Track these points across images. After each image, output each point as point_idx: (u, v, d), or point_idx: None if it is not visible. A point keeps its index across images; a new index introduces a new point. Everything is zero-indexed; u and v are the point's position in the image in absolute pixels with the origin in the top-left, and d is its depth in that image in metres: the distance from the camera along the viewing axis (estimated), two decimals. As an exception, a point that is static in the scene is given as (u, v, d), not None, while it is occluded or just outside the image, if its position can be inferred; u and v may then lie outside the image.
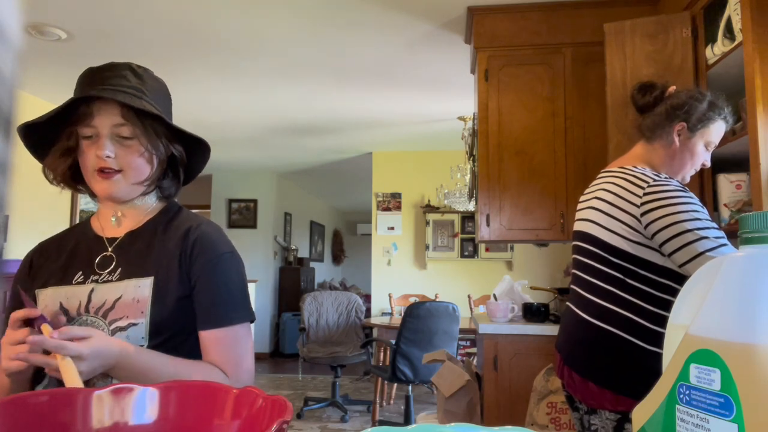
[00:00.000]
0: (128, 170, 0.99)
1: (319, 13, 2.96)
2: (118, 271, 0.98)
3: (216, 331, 0.98)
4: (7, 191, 0.19)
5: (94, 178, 0.98)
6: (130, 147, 0.98)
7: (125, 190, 1.00)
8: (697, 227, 1.32)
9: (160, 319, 0.95)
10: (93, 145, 0.97)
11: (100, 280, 0.98)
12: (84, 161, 0.98)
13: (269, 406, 0.58)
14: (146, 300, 0.95)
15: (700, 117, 1.50)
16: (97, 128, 0.96)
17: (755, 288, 0.38)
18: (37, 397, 0.58)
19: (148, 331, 0.94)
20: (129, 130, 0.97)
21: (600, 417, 1.44)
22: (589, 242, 1.51)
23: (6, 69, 0.19)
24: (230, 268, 1.02)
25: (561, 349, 1.57)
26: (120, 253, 1.00)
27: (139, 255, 1.00)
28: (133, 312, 0.94)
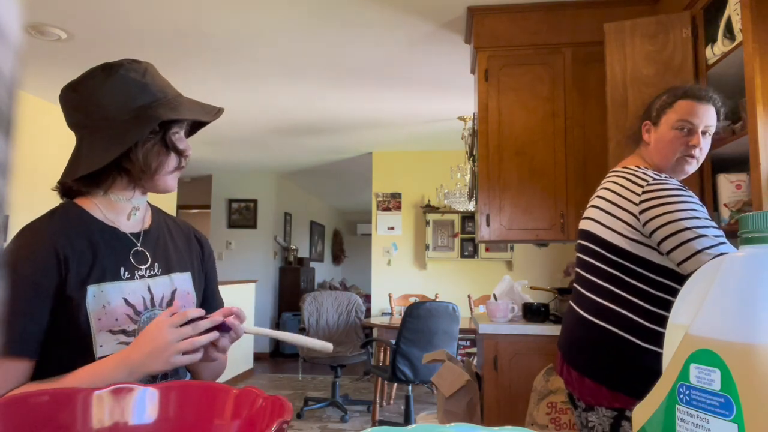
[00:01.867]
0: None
1: (319, 13, 2.96)
2: (156, 265, 1.01)
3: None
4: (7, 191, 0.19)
5: (173, 176, 1.03)
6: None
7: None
8: (696, 225, 1.33)
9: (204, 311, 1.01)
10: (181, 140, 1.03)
11: (147, 275, 0.99)
12: (170, 161, 1.01)
13: (269, 406, 0.58)
14: (193, 293, 1.06)
15: (658, 108, 1.53)
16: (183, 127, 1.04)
17: (755, 288, 0.38)
18: (37, 397, 0.58)
19: None
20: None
21: (597, 414, 1.45)
22: (591, 240, 1.52)
23: (6, 69, 0.19)
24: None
25: (561, 346, 1.59)
26: (150, 249, 1.02)
27: (169, 251, 1.06)
28: (189, 304, 1.04)
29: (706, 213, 1.37)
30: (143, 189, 1.03)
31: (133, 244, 1.00)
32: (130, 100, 0.95)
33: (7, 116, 0.19)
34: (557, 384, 2.28)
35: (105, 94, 0.95)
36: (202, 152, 6.40)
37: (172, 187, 1.04)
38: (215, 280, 1.16)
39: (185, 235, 1.13)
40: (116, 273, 0.95)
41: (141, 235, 1.02)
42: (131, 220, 1.02)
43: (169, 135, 0.99)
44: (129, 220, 1.02)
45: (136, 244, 1.01)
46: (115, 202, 1.00)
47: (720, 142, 2.04)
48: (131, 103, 0.95)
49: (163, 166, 1.00)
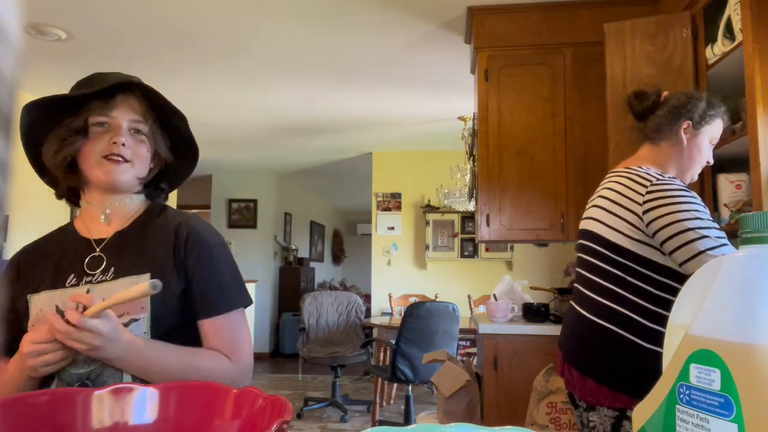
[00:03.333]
0: (137, 162, 1.02)
1: (319, 13, 2.96)
2: (111, 270, 0.99)
3: (215, 319, 1.01)
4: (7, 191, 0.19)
5: (99, 164, 0.99)
6: (141, 142, 1.03)
7: (128, 180, 1.02)
8: (698, 226, 1.33)
9: (160, 313, 0.97)
10: (106, 133, 1.00)
11: (94, 280, 0.98)
12: (91, 147, 0.99)
13: (269, 406, 0.58)
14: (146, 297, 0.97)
15: (702, 114, 1.53)
16: (116, 118, 1.00)
17: (755, 288, 0.38)
18: (37, 397, 0.58)
19: (149, 325, 0.96)
20: (144, 127, 1.03)
21: (598, 414, 1.45)
22: (593, 240, 1.53)
23: (6, 69, 0.19)
24: (222, 258, 1.06)
25: (562, 345, 1.59)
26: (110, 253, 1.01)
27: (131, 253, 1.01)
28: (133, 308, 0.95)
29: (708, 214, 1.37)
30: (90, 186, 1.04)
31: (93, 250, 1.02)
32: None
33: (7, 116, 0.19)
34: (557, 384, 2.28)
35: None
36: (202, 152, 6.37)
37: (102, 175, 0.99)
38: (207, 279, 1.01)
39: (168, 231, 1.04)
40: (61, 281, 0.99)
41: (107, 240, 1.02)
42: (103, 223, 1.04)
43: (78, 119, 0.99)
44: (101, 223, 1.05)
45: (95, 249, 1.02)
46: (86, 208, 1.06)
47: (720, 142, 2.04)
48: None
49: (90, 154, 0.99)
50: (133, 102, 1.02)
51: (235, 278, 1.06)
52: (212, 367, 0.97)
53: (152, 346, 0.93)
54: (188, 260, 1.02)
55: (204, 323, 1.01)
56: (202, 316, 1.01)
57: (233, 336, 1.02)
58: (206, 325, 1.01)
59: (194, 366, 0.95)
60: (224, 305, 1.02)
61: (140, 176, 1.04)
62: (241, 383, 0.98)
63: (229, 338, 1.01)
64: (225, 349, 1.00)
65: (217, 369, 0.97)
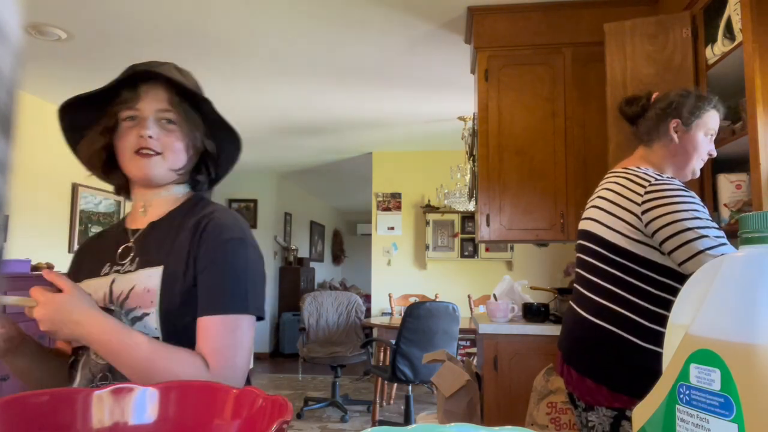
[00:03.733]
0: (168, 153, 0.99)
1: (319, 13, 2.96)
2: (136, 261, 0.98)
3: (210, 318, 0.91)
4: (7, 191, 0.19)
5: (132, 160, 0.98)
6: (171, 132, 1.00)
7: (162, 173, 1.00)
8: (697, 226, 1.33)
9: (169, 308, 0.92)
10: (135, 126, 0.98)
11: (122, 270, 0.98)
12: (123, 143, 0.99)
13: (269, 406, 0.58)
14: (156, 290, 0.92)
15: (690, 110, 1.54)
16: (142, 111, 0.98)
17: (755, 288, 0.38)
18: (37, 397, 0.58)
19: (159, 321, 0.92)
20: (172, 116, 1.00)
21: (597, 414, 1.45)
22: (592, 240, 1.53)
23: (6, 69, 0.19)
24: (236, 255, 0.96)
25: (562, 346, 1.59)
26: (139, 244, 1.01)
27: (155, 245, 0.99)
28: (144, 302, 0.93)
29: (707, 214, 1.38)
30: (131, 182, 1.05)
31: (127, 240, 1.02)
32: None
33: (7, 116, 0.19)
34: (557, 384, 2.28)
35: None
36: (202, 152, 6.40)
37: (135, 170, 0.99)
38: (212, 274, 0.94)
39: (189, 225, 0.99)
40: (98, 270, 1.01)
41: (140, 231, 1.03)
42: (141, 215, 1.05)
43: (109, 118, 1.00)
44: (141, 215, 1.05)
45: (129, 240, 1.02)
46: (133, 202, 1.07)
47: (720, 142, 2.04)
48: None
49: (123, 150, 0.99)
50: (159, 91, 0.99)
51: (245, 280, 0.95)
52: (183, 369, 0.86)
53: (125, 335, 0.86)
54: (199, 253, 0.95)
55: (200, 321, 0.92)
56: (201, 313, 0.93)
57: (219, 339, 0.90)
58: (201, 322, 0.92)
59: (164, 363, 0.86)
60: (224, 305, 0.92)
61: (175, 167, 1.01)
62: None
63: (214, 340, 0.90)
64: (207, 352, 0.90)
65: (187, 373, 0.86)
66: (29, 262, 3.78)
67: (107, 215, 5.26)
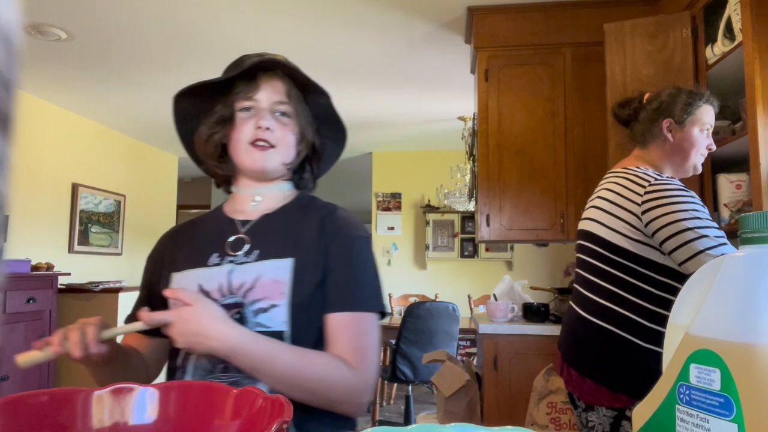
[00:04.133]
0: (282, 147, 0.98)
1: (319, 13, 2.97)
2: (255, 252, 0.95)
3: (345, 314, 0.91)
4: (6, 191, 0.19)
5: (247, 151, 0.97)
6: (286, 125, 0.99)
7: (275, 166, 0.99)
8: (697, 226, 1.33)
9: (300, 300, 0.91)
10: (251, 117, 0.97)
11: (237, 261, 0.95)
12: (238, 134, 0.97)
13: (269, 406, 0.58)
14: (286, 281, 0.91)
15: (682, 107, 1.54)
16: (259, 102, 0.97)
17: (755, 288, 0.38)
18: (37, 397, 0.58)
19: (289, 312, 0.90)
20: (288, 108, 0.98)
21: (597, 414, 1.45)
22: (592, 241, 1.53)
23: (6, 69, 0.19)
24: (365, 253, 0.98)
25: (562, 346, 1.59)
26: (255, 236, 0.97)
27: (276, 237, 0.97)
28: (273, 293, 0.90)
29: (707, 213, 1.38)
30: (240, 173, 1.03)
31: (237, 231, 0.99)
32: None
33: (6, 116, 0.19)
34: (557, 384, 2.28)
35: None
36: (202, 152, 6.39)
37: (250, 162, 0.97)
38: (344, 270, 0.94)
39: (314, 219, 0.99)
40: (204, 260, 0.96)
41: (252, 223, 0.99)
42: (251, 208, 1.02)
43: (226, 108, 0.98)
44: (251, 209, 1.02)
45: (239, 231, 0.98)
46: (236, 193, 1.05)
47: (720, 142, 2.04)
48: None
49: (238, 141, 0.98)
50: (276, 82, 0.98)
51: (374, 278, 0.98)
52: (329, 371, 0.86)
53: (260, 344, 0.84)
54: (330, 248, 0.95)
55: (332, 317, 0.91)
56: (331, 309, 0.92)
57: (361, 338, 0.90)
58: (334, 319, 0.91)
59: (308, 368, 0.85)
60: (358, 302, 0.92)
61: (286, 161, 1.00)
62: (362, 397, 0.89)
63: (356, 340, 0.90)
64: (347, 351, 0.89)
65: (332, 374, 0.86)
66: (29, 262, 3.78)
67: (107, 215, 5.26)
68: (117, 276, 5.30)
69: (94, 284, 4.27)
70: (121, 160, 5.56)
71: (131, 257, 5.67)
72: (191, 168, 7.24)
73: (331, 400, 0.87)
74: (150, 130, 5.49)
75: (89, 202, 4.98)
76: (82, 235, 4.87)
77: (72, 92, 4.27)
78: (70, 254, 4.75)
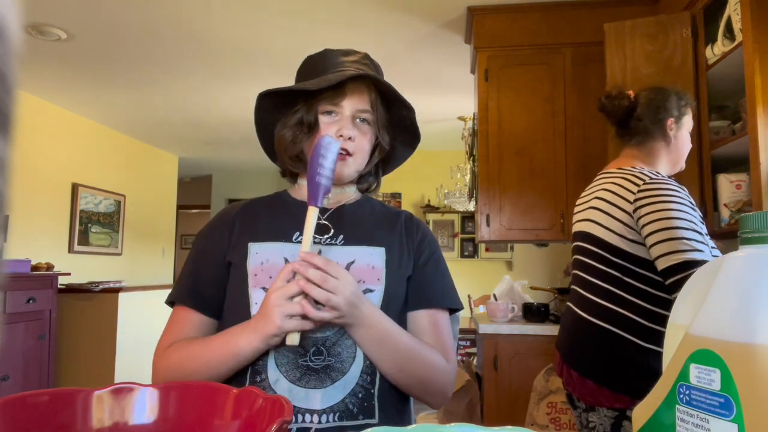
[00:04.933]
0: (358, 154, 0.98)
1: (319, 13, 2.96)
2: (340, 237, 0.96)
3: (432, 312, 0.97)
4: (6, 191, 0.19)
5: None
6: (365, 134, 0.99)
7: (350, 173, 0.99)
8: (681, 227, 1.33)
9: (394, 290, 0.93)
10: (334, 123, 0.96)
11: (324, 242, 0.94)
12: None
13: (269, 406, 0.58)
14: (381, 268, 0.94)
15: (678, 108, 1.57)
16: (343, 108, 0.96)
17: (755, 288, 0.38)
18: (37, 397, 0.58)
19: (382, 299, 0.92)
20: (369, 116, 0.98)
21: (598, 414, 1.45)
22: (589, 241, 1.53)
23: (6, 69, 0.19)
24: (442, 257, 1.04)
25: (560, 347, 1.59)
26: (336, 223, 0.98)
27: (358, 227, 0.98)
28: (370, 278, 0.92)
29: (698, 216, 1.37)
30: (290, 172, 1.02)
31: (318, 218, 0.98)
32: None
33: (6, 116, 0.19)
34: (557, 384, 2.28)
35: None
36: (202, 152, 6.40)
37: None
38: (435, 272, 1.00)
39: (390, 218, 1.03)
40: (287, 236, 0.95)
41: (330, 211, 1.00)
42: (323, 205, 1.01)
43: (309, 112, 0.96)
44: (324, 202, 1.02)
45: (321, 218, 0.98)
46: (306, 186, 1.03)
47: (720, 142, 2.04)
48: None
49: (303, 144, 0.97)
50: (363, 91, 0.97)
51: (451, 279, 1.03)
52: (436, 360, 0.91)
53: (388, 320, 0.88)
54: (419, 252, 0.99)
55: (420, 314, 0.96)
56: (420, 307, 0.96)
57: (446, 334, 0.97)
58: (425, 316, 0.96)
59: (422, 352, 0.90)
60: (446, 301, 0.99)
61: (360, 168, 1.00)
62: (450, 388, 0.95)
63: (443, 335, 0.96)
64: (439, 345, 0.94)
65: (439, 363, 0.91)
66: (29, 262, 3.78)
67: (107, 215, 5.26)
68: (117, 276, 5.30)
69: (94, 284, 4.27)
70: (121, 160, 5.56)
71: (131, 257, 5.67)
72: (191, 168, 7.24)
73: (430, 389, 0.92)
74: (150, 130, 5.49)
75: (89, 202, 4.98)
76: (82, 235, 4.88)
77: (72, 92, 4.27)
78: (70, 254, 4.75)
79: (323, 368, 0.87)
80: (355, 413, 0.86)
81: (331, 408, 0.85)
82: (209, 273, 0.96)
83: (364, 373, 0.88)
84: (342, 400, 0.86)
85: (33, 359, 3.69)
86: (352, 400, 0.87)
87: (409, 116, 1.03)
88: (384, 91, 0.99)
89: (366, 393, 0.88)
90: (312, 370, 0.86)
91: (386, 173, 1.13)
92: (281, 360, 0.87)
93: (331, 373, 0.86)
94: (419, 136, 1.07)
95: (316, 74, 0.98)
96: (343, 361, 0.87)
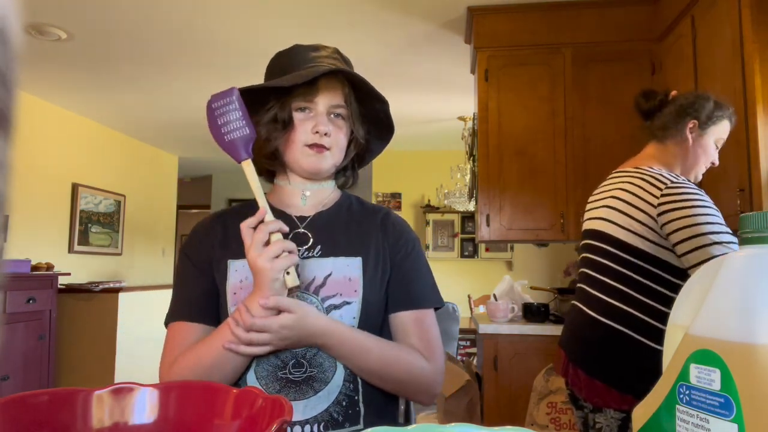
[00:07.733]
0: (335, 149, 0.99)
1: (319, 13, 2.96)
2: (318, 248, 0.96)
3: (413, 312, 0.97)
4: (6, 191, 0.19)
5: (303, 153, 0.97)
6: (340, 128, 0.99)
7: (328, 168, 0.99)
8: (712, 231, 1.33)
9: (372, 299, 0.94)
10: (308, 120, 0.97)
11: (302, 255, 0.95)
12: (294, 134, 0.97)
13: (269, 406, 0.58)
14: (358, 279, 0.94)
15: (709, 114, 1.53)
16: (317, 104, 0.97)
17: (755, 288, 0.38)
18: (37, 397, 0.58)
19: (360, 310, 0.93)
20: (344, 111, 0.99)
21: (605, 415, 1.44)
22: (604, 241, 1.51)
23: (6, 69, 0.19)
24: (422, 254, 1.04)
25: (566, 346, 1.57)
26: (315, 232, 0.98)
27: (338, 235, 0.98)
28: (346, 290, 0.93)
29: (721, 218, 1.38)
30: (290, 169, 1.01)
31: (296, 226, 0.99)
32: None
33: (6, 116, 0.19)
34: (557, 384, 2.28)
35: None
36: (202, 152, 6.39)
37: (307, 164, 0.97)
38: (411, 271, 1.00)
39: (368, 217, 1.03)
40: None
41: (309, 218, 1.00)
42: (302, 203, 1.02)
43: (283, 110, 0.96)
44: (301, 204, 1.02)
45: (299, 226, 0.99)
46: (283, 186, 1.04)
47: (720, 142, 2.04)
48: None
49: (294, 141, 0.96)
50: (336, 86, 0.98)
51: (431, 275, 1.03)
52: (414, 362, 0.92)
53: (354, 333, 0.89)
54: (396, 251, 1.00)
55: (403, 315, 0.97)
56: (402, 308, 0.97)
57: (431, 333, 0.97)
58: (405, 316, 0.96)
59: (399, 356, 0.91)
60: (426, 299, 0.99)
61: (337, 163, 1.01)
62: (435, 387, 0.95)
63: (427, 334, 0.96)
64: (421, 345, 0.95)
65: (416, 366, 0.92)
66: (29, 262, 3.78)
67: (107, 215, 5.26)
68: (117, 276, 5.30)
69: (94, 284, 4.27)
70: (121, 160, 5.56)
71: (131, 257, 5.67)
72: (191, 168, 7.24)
73: (413, 390, 0.93)
74: (150, 130, 5.49)
75: (89, 202, 4.98)
76: (82, 235, 4.88)
77: (72, 92, 4.26)
78: (70, 254, 4.75)
79: (305, 380, 0.89)
80: (340, 421, 0.89)
81: (315, 418, 0.88)
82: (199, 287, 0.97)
83: (347, 381, 0.90)
84: (326, 410, 0.88)
85: (33, 359, 3.69)
86: (337, 408, 0.89)
87: (383, 109, 1.03)
88: (357, 85, 0.99)
89: (350, 400, 0.90)
90: (292, 382, 0.89)
91: (361, 167, 1.13)
92: (261, 373, 0.90)
93: (313, 384, 0.89)
94: (393, 128, 1.07)
95: (286, 71, 0.98)
96: (325, 370, 0.89)
